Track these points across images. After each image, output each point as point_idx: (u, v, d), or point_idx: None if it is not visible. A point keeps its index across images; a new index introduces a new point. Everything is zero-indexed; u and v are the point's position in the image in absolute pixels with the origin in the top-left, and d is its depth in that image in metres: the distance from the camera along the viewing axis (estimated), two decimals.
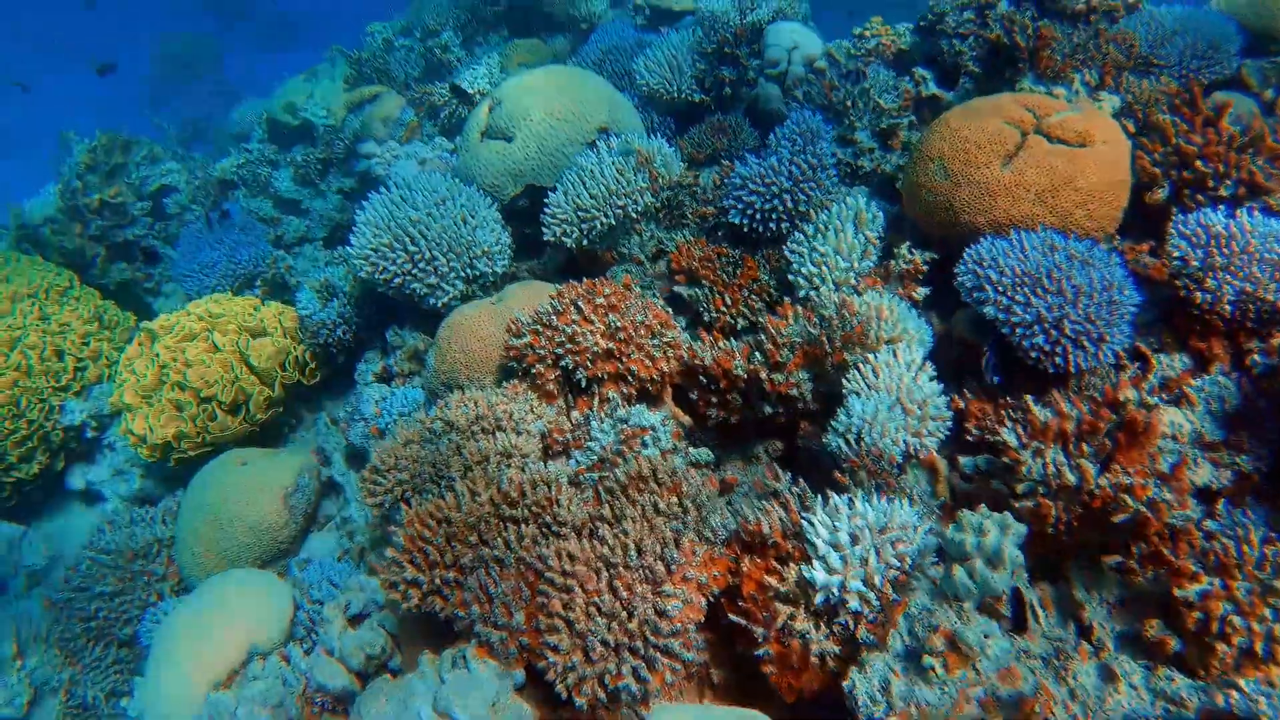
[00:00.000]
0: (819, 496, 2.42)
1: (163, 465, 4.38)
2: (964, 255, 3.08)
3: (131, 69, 13.62)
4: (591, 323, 3.32)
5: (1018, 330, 2.87)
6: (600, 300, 3.35)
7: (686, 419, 3.45)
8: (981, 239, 3.12)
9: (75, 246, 5.51)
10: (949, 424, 2.71)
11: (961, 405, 3.08)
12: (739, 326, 3.69)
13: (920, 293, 3.43)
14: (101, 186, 5.81)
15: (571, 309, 3.37)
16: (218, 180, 6.11)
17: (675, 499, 2.59)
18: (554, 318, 3.35)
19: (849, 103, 4.15)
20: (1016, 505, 2.56)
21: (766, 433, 3.28)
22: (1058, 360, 2.84)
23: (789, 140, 3.64)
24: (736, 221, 3.68)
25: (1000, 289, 2.90)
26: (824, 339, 2.92)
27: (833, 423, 2.68)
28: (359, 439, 4.08)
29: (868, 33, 5.12)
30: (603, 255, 4.13)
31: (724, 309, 3.67)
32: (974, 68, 4.36)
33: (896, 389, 2.68)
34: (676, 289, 3.83)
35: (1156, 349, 3.11)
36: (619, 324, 3.25)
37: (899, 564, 2.18)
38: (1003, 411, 2.99)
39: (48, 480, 4.94)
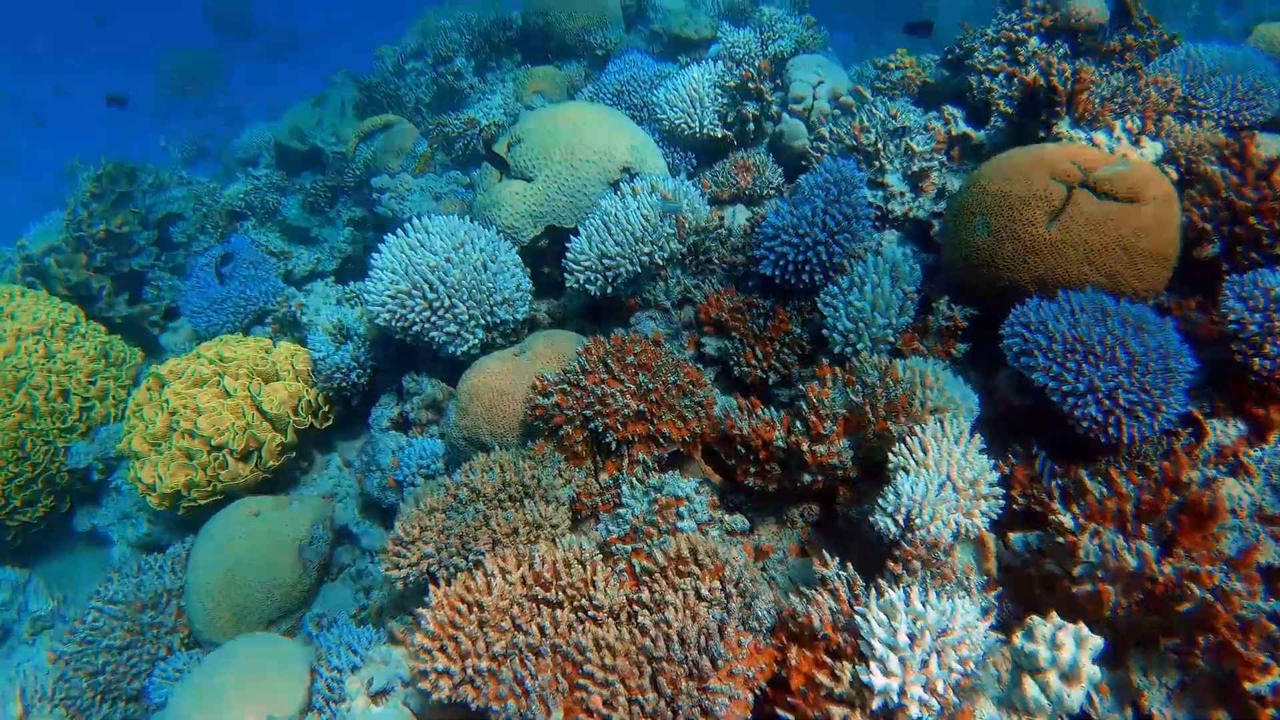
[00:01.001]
0: (871, 589, 2.30)
1: (172, 512, 4.26)
2: (1010, 317, 2.97)
3: (136, 86, 13.52)
4: (621, 382, 3.21)
5: (1069, 399, 2.76)
6: (630, 359, 3.24)
7: (717, 477, 3.34)
8: (1027, 299, 3.02)
9: (80, 279, 5.39)
10: (1002, 502, 2.59)
11: (1006, 471, 2.97)
12: (770, 381, 3.59)
13: (959, 349, 3.33)
14: (107, 216, 5.69)
15: (600, 367, 3.26)
16: (225, 211, 5.99)
17: (718, 583, 2.48)
18: (582, 377, 3.23)
19: (879, 145, 4.04)
20: (1074, 590, 2.45)
21: (802, 495, 3.16)
22: (1111, 431, 2.73)
23: (822, 189, 3.53)
24: (768, 273, 3.56)
25: (1050, 355, 2.79)
26: (867, 408, 2.81)
27: (880, 501, 2.56)
28: (375, 490, 3.97)
29: (892, 64, 5.03)
30: (626, 301, 4.02)
31: (755, 363, 3.56)
32: (1006, 107, 4.26)
33: (947, 466, 2.56)
34: (705, 340, 3.71)
35: (1209, 414, 3.00)
36: (650, 385, 3.13)
37: (962, 668, 2.07)
38: (1052, 482, 2.88)
39: (53, 521, 4.82)
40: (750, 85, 4.68)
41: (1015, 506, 2.87)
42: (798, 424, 2.84)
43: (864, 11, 13.97)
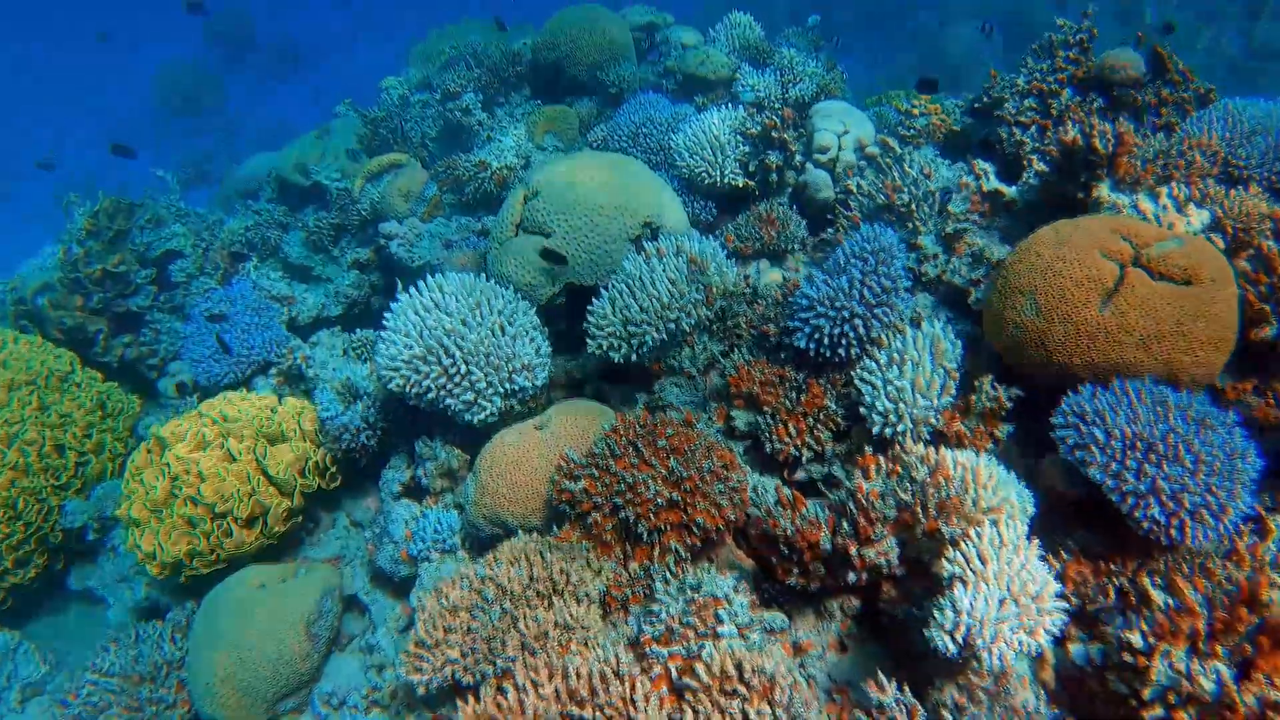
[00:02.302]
0: None
1: (173, 580, 4.08)
2: (1064, 405, 2.84)
3: (134, 103, 13.33)
4: (652, 467, 3.06)
5: (1129, 499, 2.62)
6: (662, 443, 3.09)
7: (749, 561, 3.19)
8: (1079, 384, 2.89)
9: (76, 323, 5.20)
10: (1066, 618, 2.45)
11: (1058, 567, 2.84)
12: (804, 458, 3.44)
13: (1004, 430, 3.19)
14: (104, 255, 5.51)
15: (630, 451, 3.11)
16: (227, 253, 5.81)
17: (766, 707, 2.33)
18: (611, 461, 3.08)
19: (913, 206, 3.90)
20: (1144, 715, 2.31)
21: (843, 589, 3.01)
22: (1174, 534, 2.60)
23: (859, 258, 3.39)
24: (802, 346, 3.41)
25: (1109, 453, 2.65)
26: (918, 507, 2.66)
27: (936, 615, 2.42)
28: (388, 563, 3.80)
29: (916, 110, 4.90)
30: (650, 367, 3.87)
31: (788, 439, 3.41)
32: (1040, 164, 4.13)
33: (1007, 579, 2.42)
34: (735, 414, 3.57)
35: (1271, 508, 2.88)
36: (684, 473, 2.98)
37: None
38: (1109, 583, 2.74)
39: (46, 580, 4.63)
40: (774, 134, 4.54)
41: (1068, 605, 2.74)
42: (844, 525, 2.69)
43: (872, 36, 13.91)
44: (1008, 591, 2.41)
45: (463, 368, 3.69)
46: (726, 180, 4.63)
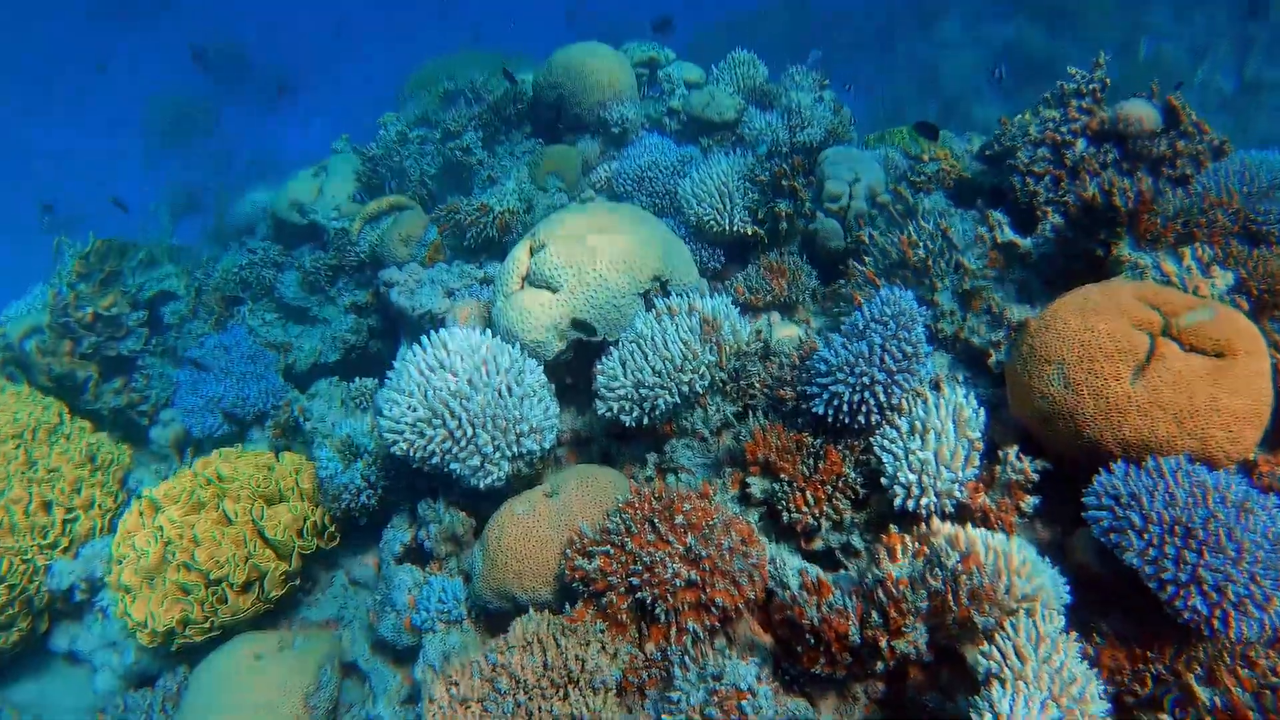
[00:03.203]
0: None
1: (164, 648, 3.93)
2: (1096, 485, 2.74)
3: (125, 132, 13.18)
4: (669, 544, 2.95)
5: (1169, 588, 2.52)
6: (679, 519, 2.98)
7: (767, 638, 3.08)
8: (1110, 460, 2.80)
9: (65, 370, 5.05)
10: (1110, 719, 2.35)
11: (1091, 652, 2.74)
12: (822, 528, 3.33)
13: (1030, 503, 3.09)
14: (94, 298, 5.37)
15: (646, 528, 3.00)
16: (222, 297, 5.68)
17: None
18: (627, 539, 2.97)
19: (929, 262, 3.83)
20: None
21: (870, 675, 2.90)
22: (1217, 625, 2.50)
23: (879, 323, 3.29)
24: (820, 412, 3.31)
25: (1146, 538, 2.56)
26: (949, 596, 2.56)
27: (975, 718, 2.31)
28: (390, 632, 3.67)
29: (925, 155, 4.84)
30: (661, 429, 3.77)
31: (805, 508, 3.30)
32: (1055, 216, 4.08)
33: (1047, 680, 2.31)
34: (750, 480, 3.46)
35: None
36: (702, 552, 2.87)
37: None
38: (1145, 671, 2.64)
39: (29, 641, 4.46)
40: (784, 183, 4.46)
41: (1102, 695, 2.64)
42: (873, 615, 2.59)
43: (866, 63, 13.95)
44: (1049, 693, 2.30)
45: (469, 431, 3.57)
46: (735, 228, 4.55)
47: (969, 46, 12.54)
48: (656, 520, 3.00)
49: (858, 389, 3.26)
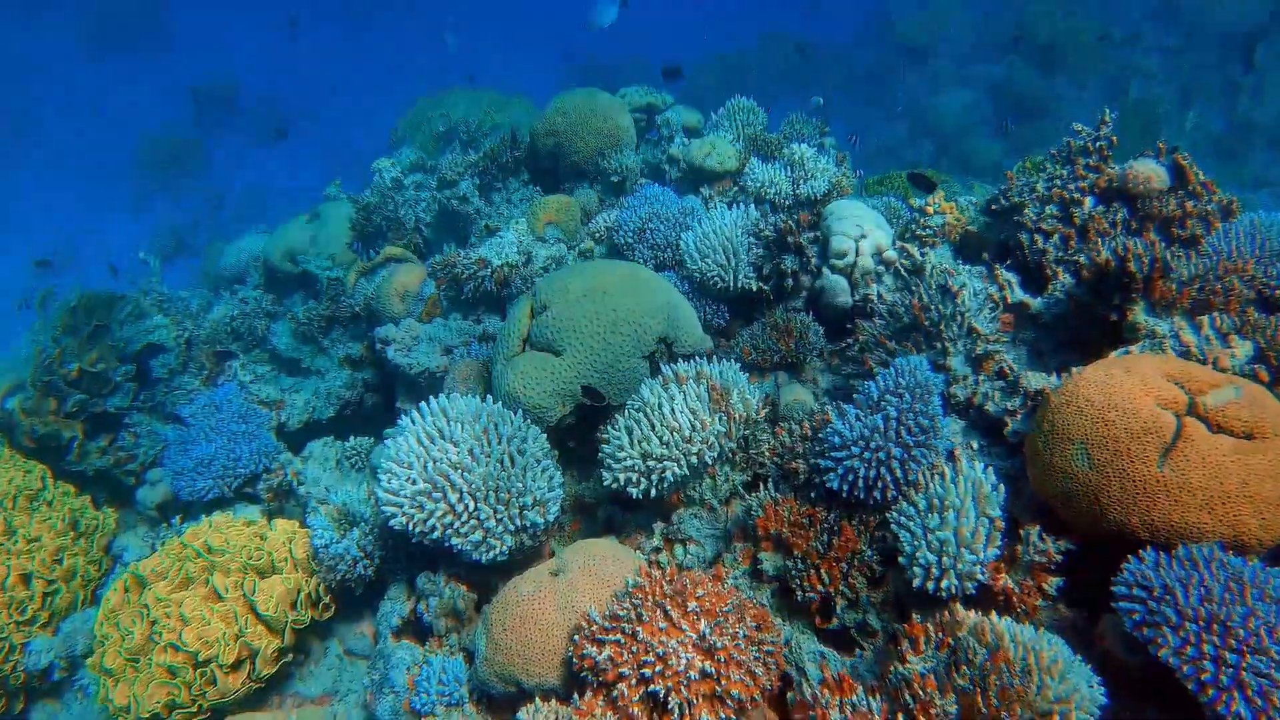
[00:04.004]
0: None
1: None
2: (1125, 575, 2.64)
3: (116, 170, 13.05)
4: (682, 632, 2.83)
5: (1210, 690, 2.42)
6: (692, 605, 2.86)
7: None
8: (1139, 550, 2.70)
9: (49, 430, 4.90)
10: None
11: None
12: (837, 607, 3.22)
13: (1053, 584, 2.99)
14: (81, 353, 5.23)
15: (658, 614, 2.88)
16: (212, 352, 5.55)
17: None
18: (638, 627, 2.84)
19: (941, 326, 3.75)
20: None
21: None
22: None
23: (895, 394, 3.21)
24: (835, 488, 3.22)
25: (1183, 636, 2.46)
26: (978, 698, 2.45)
27: None
28: (388, 715, 3.51)
29: (930, 208, 4.79)
30: (669, 499, 3.66)
31: (820, 587, 3.19)
32: (1065, 275, 4.02)
33: None
34: (762, 556, 3.35)
35: None
36: (717, 642, 2.75)
37: None
38: None
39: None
40: (789, 239, 4.39)
41: None
42: (900, 718, 2.47)
43: (860, 101, 14.04)
44: None
45: (470, 505, 3.45)
46: (740, 285, 4.47)
47: (961, 85, 12.64)
48: (668, 606, 2.89)
49: (873, 464, 3.17)
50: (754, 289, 4.50)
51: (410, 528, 3.48)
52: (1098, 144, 4.33)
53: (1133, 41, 11.99)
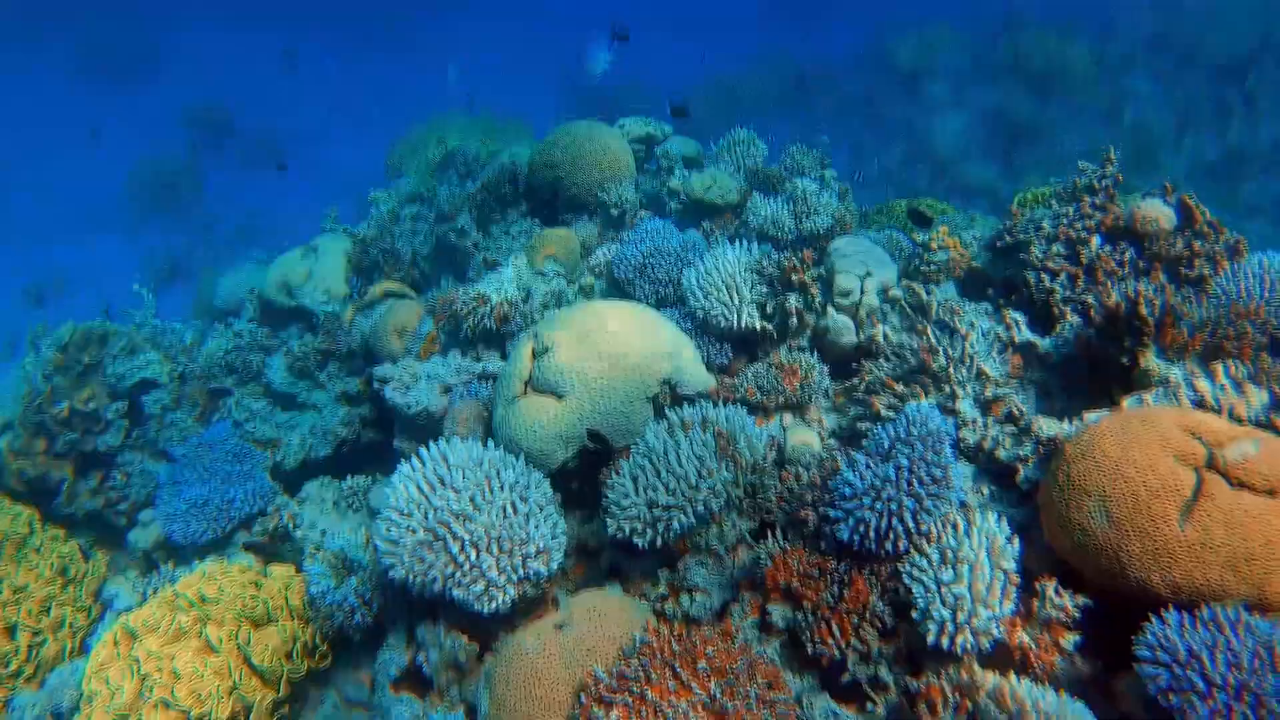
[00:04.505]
0: None
1: None
2: (1149, 637, 2.58)
3: (109, 196, 12.98)
4: (691, 691, 2.75)
5: None
6: (702, 665, 2.79)
7: None
8: (1162, 609, 2.64)
9: (38, 473, 4.80)
10: None
11: None
12: (849, 661, 3.14)
13: (1071, 641, 2.92)
14: (72, 391, 5.14)
15: (667, 674, 2.80)
16: (205, 390, 5.47)
17: None
18: (646, 688, 2.76)
19: (950, 370, 3.70)
20: None
21: None
22: None
23: (906, 444, 3.15)
24: (845, 539, 3.15)
25: (1211, 705, 2.39)
26: None
27: None
28: None
29: (934, 243, 4.75)
30: (675, 546, 3.58)
31: (831, 640, 3.12)
32: (1073, 316, 3.98)
33: None
34: (771, 609, 3.27)
35: None
36: (728, 704, 2.67)
37: None
38: None
39: None
40: (794, 277, 4.35)
41: None
42: None
43: (855, 126, 14.09)
44: None
45: (472, 555, 3.37)
46: (744, 323, 4.41)
47: (956, 109, 12.70)
48: (677, 665, 2.81)
49: (885, 515, 3.10)
50: (757, 327, 4.44)
51: (410, 579, 3.40)
52: (1103, 182, 4.31)
53: (1127, 66, 12.09)
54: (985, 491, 3.58)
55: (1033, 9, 13.75)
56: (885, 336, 4.20)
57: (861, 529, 3.14)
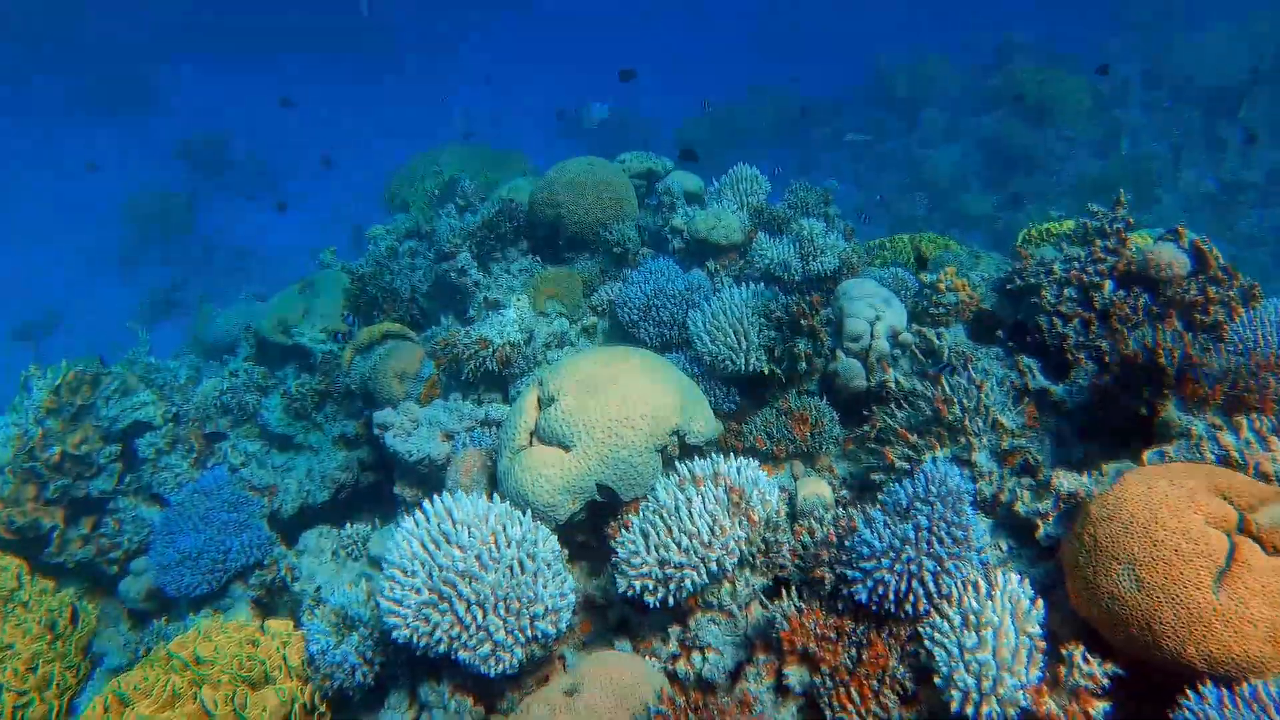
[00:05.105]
0: None
1: None
2: (1186, 713, 2.49)
3: (103, 230, 12.88)
4: None
5: None
6: None
7: None
8: (1199, 683, 2.55)
9: (28, 521, 4.67)
10: None
11: None
12: None
13: (1099, 710, 2.83)
14: (64, 435, 5.02)
15: None
16: (201, 434, 5.35)
17: None
18: None
19: (965, 421, 3.63)
20: None
21: None
22: None
23: (925, 503, 3.07)
24: (864, 601, 3.06)
25: None
26: None
27: None
28: None
29: (942, 285, 4.70)
30: (686, 603, 3.48)
31: (851, 707, 3.02)
32: (1088, 362, 3.92)
33: None
34: (788, 672, 3.17)
35: None
36: None
37: None
38: None
39: None
40: (803, 322, 4.28)
41: None
42: None
43: (848, 156, 14.13)
44: None
45: (479, 616, 3.26)
46: (752, 368, 4.34)
47: (953, 138, 12.76)
48: None
49: (904, 577, 3.02)
50: (765, 371, 4.37)
51: (415, 640, 3.29)
52: (1114, 225, 4.27)
53: (1122, 94, 12.16)
54: (1004, 546, 3.50)
55: (1025, 39, 13.91)
56: (897, 382, 4.13)
57: (881, 590, 3.05)
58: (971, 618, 2.94)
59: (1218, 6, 13.45)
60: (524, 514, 3.60)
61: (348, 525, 4.56)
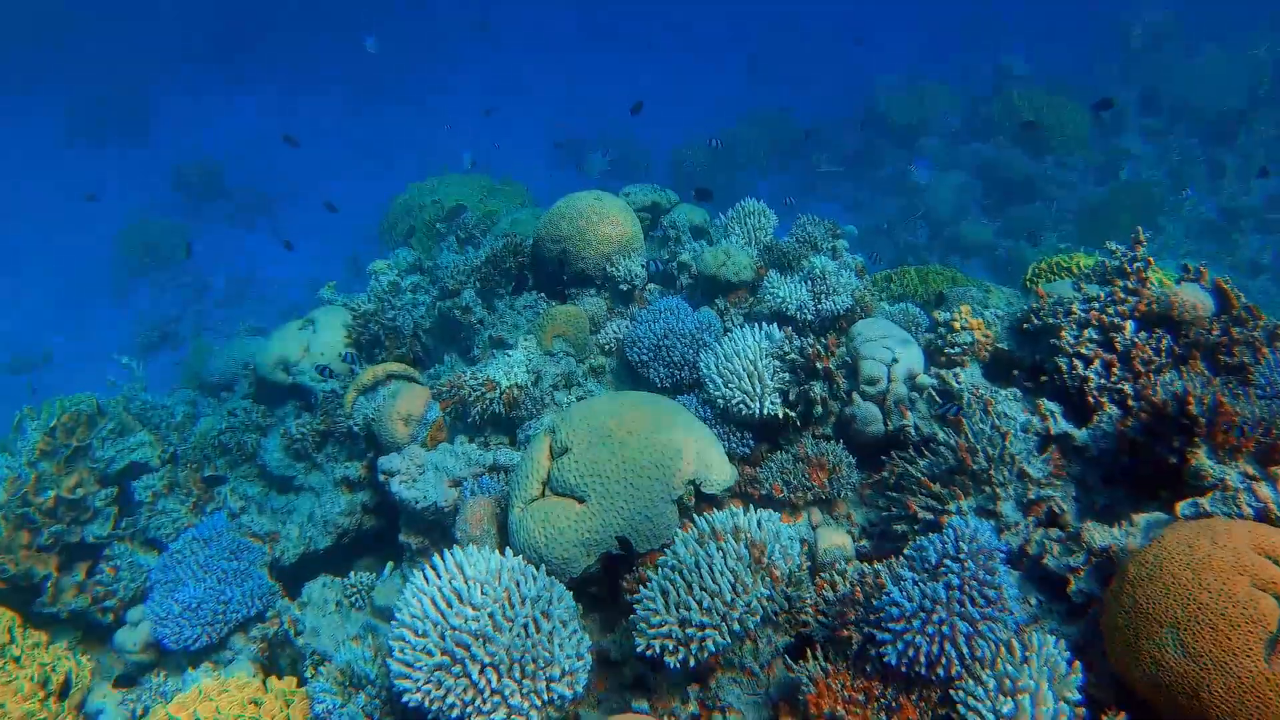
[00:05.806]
0: None
1: None
2: None
3: (96, 258, 12.79)
4: None
5: None
6: None
7: None
8: None
9: (21, 569, 4.52)
10: None
11: None
12: None
13: None
14: (58, 478, 4.89)
15: None
16: (199, 478, 5.23)
17: None
18: None
19: (990, 470, 3.54)
20: None
21: None
22: None
23: (955, 561, 2.97)
24: (894, 663, 2.95)
25: None
26: None
27: None
28: None
29: (957, 324, 4.62)
30: (706, 662, 3.36)
31: None
32: (1111, 407, 3.84)
33: None
34: None
35: None
36: None
37: None
38: None
39: None
40: (819, 365, 4.19)
41: None
42: None
43: (851, 181, 14.15)
44: None
45: (493, 680, 3.14)
46: (766, 412, 4.25)
47: (951, 166, 12.78)
48: None
49: (936, 639, 2.91)
50: (780, 415, 4.28)
51: (427, 705, 3.16)
52: (1134, 265, 4.21)
53: (1119, 121, 12.21)
54: (1033, 601, 3.40)
55: (1023, 70, 14.00)
56: (916, 428, 4.04)
57: (911, 653, 2.94)
58: (1007, 682, 2.84)
59: (1214, 30, 13.60)
60: (537, 569, 3.49)
61: (351, 574, 4.42)
